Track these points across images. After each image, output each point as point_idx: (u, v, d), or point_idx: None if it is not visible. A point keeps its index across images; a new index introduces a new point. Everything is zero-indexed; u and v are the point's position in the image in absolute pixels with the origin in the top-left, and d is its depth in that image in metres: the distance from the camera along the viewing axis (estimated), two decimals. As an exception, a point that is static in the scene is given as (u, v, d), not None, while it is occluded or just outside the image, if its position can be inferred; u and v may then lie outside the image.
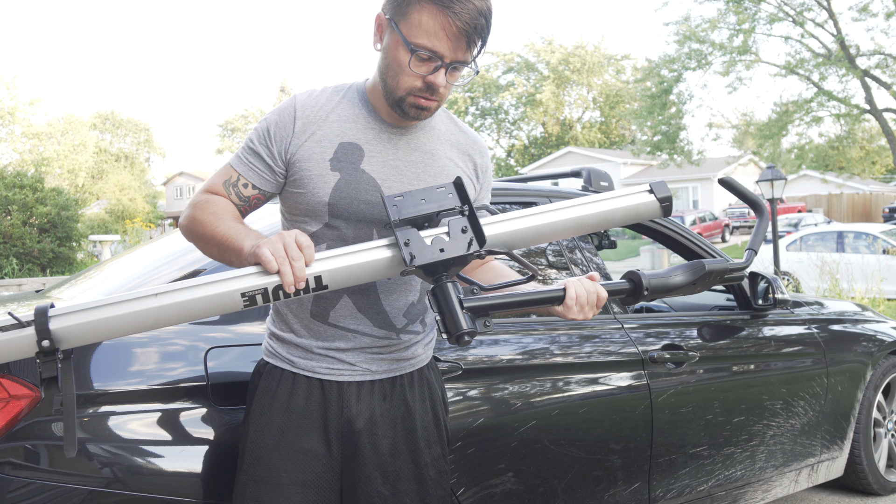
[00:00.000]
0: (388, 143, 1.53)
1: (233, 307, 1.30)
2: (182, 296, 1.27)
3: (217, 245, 1.43)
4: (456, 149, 1.62)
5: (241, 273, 1.30)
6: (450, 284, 1.34)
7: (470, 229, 1.37)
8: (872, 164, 33.16)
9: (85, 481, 1.60)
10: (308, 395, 1.53)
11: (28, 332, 1.23)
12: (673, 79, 22.29)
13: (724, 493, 2.76)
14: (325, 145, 1.50)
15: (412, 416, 1.59)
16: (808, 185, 35.63)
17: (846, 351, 3.28)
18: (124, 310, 1.26)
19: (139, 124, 54.33)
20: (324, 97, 1.55)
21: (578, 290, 1.46)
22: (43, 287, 2.99)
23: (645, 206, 1.54)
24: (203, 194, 1.52)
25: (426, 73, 1.42)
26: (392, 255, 1.36)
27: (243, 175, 1.52)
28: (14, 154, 33.87)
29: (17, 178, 14.32)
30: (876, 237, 12.10)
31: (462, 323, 1.32)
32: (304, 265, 1.28)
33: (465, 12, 1.38)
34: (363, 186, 1.50)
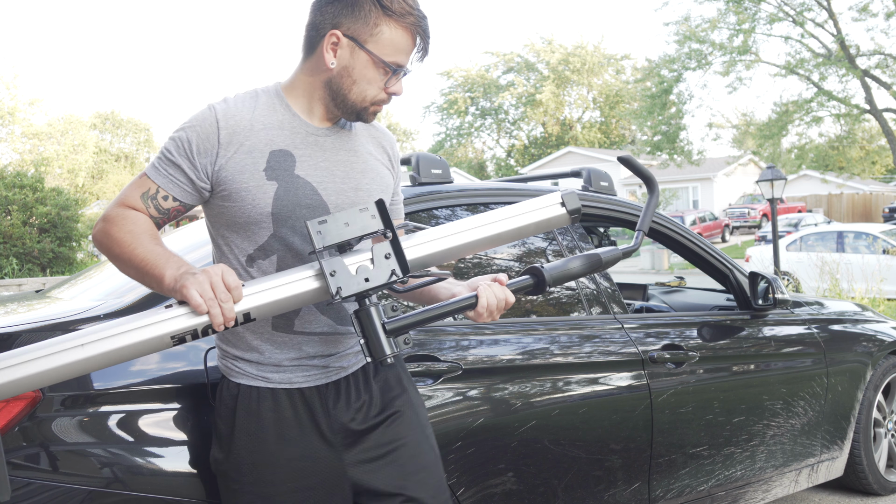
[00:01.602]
0: (316, 146, 1.56)
1: (162, 348, 1.31)
2: (109, 344, 1.27)
3: (135, 268, 1.42)
4: (371, 142, 1.67)
5: (169, 315, 1.29)
6: (372, 309, 1.39)
7: (393, 256, 1.40)
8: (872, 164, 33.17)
9: (85, 481, 1.60)
10: (292, 405, 1.55)
11: None
12: (673, 79, 22.28)
13: (724, 493, 2.76)
14: (255, 156, 1.49)
15: (398, 394, 1.64)
16: (808, 185, 35.63)
17: (846, 351, 3.28)
18: (50, 363, 1.24)
19: (139, 124, 54.31)
20: (241, 105, 1.53)
21: (490, 298, 1.52)
22: (43, 287, 2.99)
23: (556, 217, 1.61)
24: (118, 208, 1.49)
25: (391, 85, 1.54)
26: (319, 286, 1.38)
27: (163, 187, 1.49)
28: (14, 154, 33.85)
29: (17, 178, 14.32)
30: (876, 237, 12.10)
31: (385, 347, 1.38)
32: (232, 305, 1.30)
33: (425, 24, 1.53)
34: (301, 192, 1.51)
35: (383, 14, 1.47)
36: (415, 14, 1.50)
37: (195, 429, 1.73)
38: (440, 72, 49.97)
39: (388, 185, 1.66)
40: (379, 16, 1.48)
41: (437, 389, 2.06)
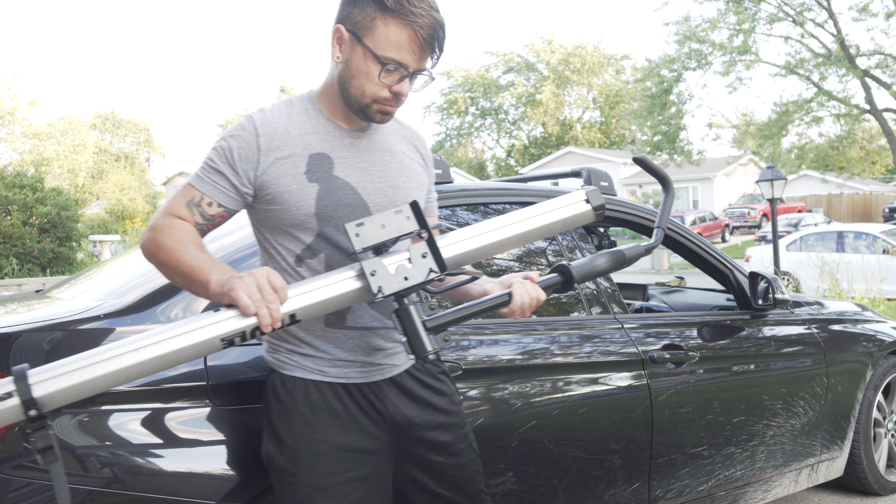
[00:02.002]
0: (351, 147, 1.61)
1: (211, 350, 1.34)
2: (162, 348, 1.30)
3: (181, 274, 1.45)
4: (404, 142, 1.73)
5: (219, 318, 1.33)
6: (412, 307, 1.43)
7: (430, 254, 1.45)
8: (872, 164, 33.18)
9: (85, 481, 1.60)
10: (350, 398, 1.60)
11: (12, 403, 1.21)
12: (673, 79, 22.28)
13: (724, 493, 2.76)
14: (295, 160, 1.55)
15: (444, 390, 1.71)
16: (808, 185, 35.62)
17: (846, 351, 3.28)
18: (108, 367, 1.28)
19: (139, 124, 54.28)
20: (277, 114, 1.59)
21: (523, 297, 1.57)
22: (43, 287, 2.99)
23: (582, 214, 1.66)
24: (164, 217, 1.53)
25: (393, 83, 1.53)
26: (361, 286, 1.42)
27: (207, 194, 1.54)
28: (14, 154, 33.85)
29: (17, 178, 14.30)
30: (876, 237, 12.10)
31: (427, 344, 1.41)
32: (279, 307, 1.34)
33: (431, 29, 1.51)
34: (342, 192, 1.57)
35: (379, 9, 1.49)
36: (414, 11, 1.49)
37: (195, 429, 1.73)
38: (440, 72, 49.96)
39: (423, 182, 1.72)
40: (375, 10, 1.50)
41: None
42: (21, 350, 1.65)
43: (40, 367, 1.26)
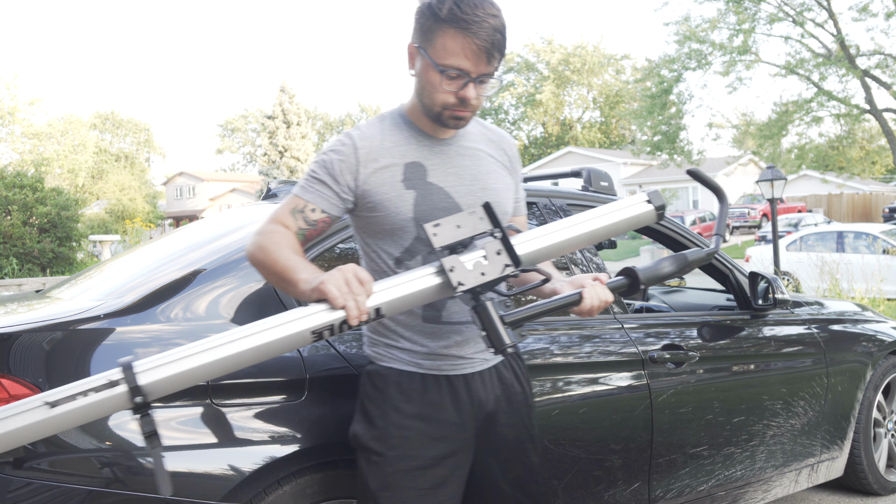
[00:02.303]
0: (442, 154, 1.72)
1: (302, 343, 1.42)
2: (256, 340, 1.38)
3: (276, 274, 1.56)
4: (491, 146, 1.81)
5: (309, 312, 1.41)
6: (489, 303, 1.49)
7: (504, 252, 1.51)
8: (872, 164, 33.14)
9: (85, 481, 1.60)
10: (439, 389, 1.71)
11: (120, 391, 1.30)
12: (673, 79, 22.28)
13: (724, 493, 2.76)
14: (392, 170, 1.67)
15: (523, 392, 1.82)
16: (808, 185, 35.61)
17: (846, 351, 3.28)
18: (206, 358, 1.36)
19: (139, 124, 54.30)
20: (373, 129, 1.72)
21: (593, 298, 1.64)
22: (43, 287, 2.99)
23: (645, 214, 1.72)
24: (269, 224, 1.65)
25: (457, 89, 1.60)
26: (441, 282, 1.49)
27: (311, 201, 1.66)
28: (14, 154, 33.83)
29: (17, 178, 14.29)
30: (876, 237, 12.10)
31: (505, 338, 1.48)
32: (365, 299, 1.42)
33: (483, 32, 1.56)
34: (436, 197, 1.69)
35: (436, 21, 1.58)
36: (466, 19, 1.55)
37: (195, 429, 1.73)
38: (440, 72, 49.79)
39: (509, 184, 1.81)
40: (433, 22, 1.58)
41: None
42: (21, 350, 1.65)
43: (145, 358, 1.34)
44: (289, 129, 35.30)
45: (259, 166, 36.69)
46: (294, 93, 36.14)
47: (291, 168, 34.38)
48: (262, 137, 36.81)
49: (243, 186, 51.85)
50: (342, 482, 1.91)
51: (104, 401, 1.29)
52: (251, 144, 60.18)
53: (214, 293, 1.92)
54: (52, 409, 1.27)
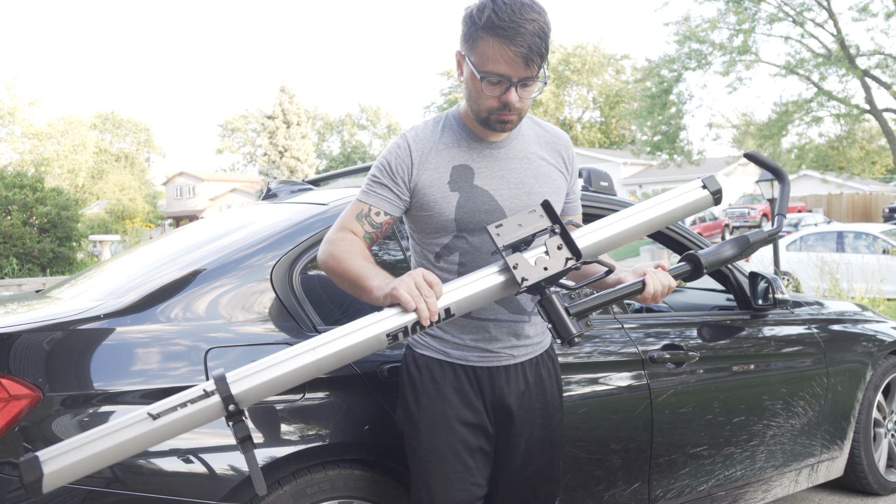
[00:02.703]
0: (491, 157, 1.78)
1: (378, 347, 1.49)
2: (337, 346, 1.46)
3: (349, 281, 1.66)
4: (545, 148, 1.86)
5: (383, 316, 1.50)
6: (554, 296, 1.55)
7: (565, 246, 1.56)
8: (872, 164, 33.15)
9: (85, 481, 1.60)
10: (466, 378, 1.80)
11: (214, 400, 1.39)
12: (673, 79, 22.26)
13: (724, 493, 2.76)
14: (440, 171, 1.75)
15: (546, 391, 1.88)
16: (808, 185, 35.61)
17: (846, 351, 3.28)
18: (291, 366, 1.44)
19: (139, 124, 54.29)
20: (428, 130, 1.80)
21: (656, 284, 1.69)
22: (43, 287, 2.99)
23: (701, 199, 1.74)
24: (338, 232, 1.74)
25: (499, 94, 1.65)
26: (505, 279, 1.55)
27: (374, 205, 1.75)
28: (14, 154, 33.83)
29: (17, 178, 14.29)
30: (876, 237, 12.08)
31: (571, 328, 1.54)
32: (435, 301, 1.50)
33: (521, 39, 1.59)
34: (480, 199, 1.75)
35: (476, 29, 1.62)
36: (502, 25, 1.58)
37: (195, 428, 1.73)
38: (440, 72, 49.98)
39: (559, 186, 1.85)
40: (474, 30, 1.63)
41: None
42: (21, 350, 1.65)
43: (236, 369, 1.44)
44: (289, 129, 35.30)
45: (259, 166, 36.69)
46: (294, 93, 36.14)
47: (291, 168, 34.38)
48: (262, 137, 36.81)
49: (243, 186, 51.86)
50: (342, 482, 1.91)
51: (201, 410, 1.38)
52: (251, 144, 60.17)
53: (214, 293, 1.92)
54: (155, 422, 1.37)
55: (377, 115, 60.06)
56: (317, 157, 42.75)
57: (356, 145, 59.01)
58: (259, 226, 2.21)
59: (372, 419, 1.96)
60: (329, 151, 59.59)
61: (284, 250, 2.06)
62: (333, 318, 2.12)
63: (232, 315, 1.91)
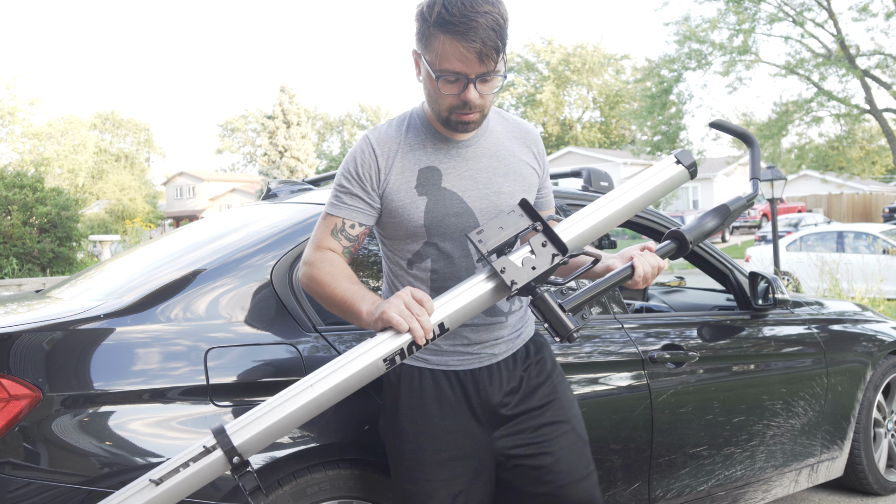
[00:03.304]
0: (458, 157, 1.71)
1: (377, 373, 1.46)
2: (334, 379, 1.43)
3: (336, 305, 1.61)
4: (516, 143, 1.80)
5: (377, 342, 1.46)
6: (546, 294, 1.52)
7: (550, 242, 1.53)
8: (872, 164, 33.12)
9: (85, 481, 1.60)
10: (449, 384, 1.74)
11: (217, 456, 1.36)
12: (673, 79, 22.27)
13: (724, 493, 2.76)
14: (407, 175, 1.68)
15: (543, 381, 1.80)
16: (808, 185, 35.60)
17: (846, 351, 3.28)
18: (291, 406, 1.41)
19: (139, 124, 54.29)
20: (392, 131, 1.72)
21: (644, 267, 1.65)
22: (43, 287, 2.99)
23: (677, 175, 1.71)
24: (315, 252, 1.68)
25: (458, 92, 1.58)
26: (495, 285, 1.52)
27: (347, 218, 1.68)
28: (14, 154, 33.83)
29: (17, 178, 14.30)
30: (876, 237, 12.09)
31: (569, 325, 1.51)
32: (428, 318, 1.46)
33: (474, 34, 1.51)
34: (448, 202, 1.69)
35: (427, 25, 1.56)
36: (453, 21, 1.51)
37: (195, 429, 1.73)
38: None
39: (531, 183, 1.79)
40: (426, 28, 1.56)
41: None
42: (21, 350, 1.65)
43: (234, 420, 1.42)
44: (289, 129, 35.30)
45: (259, 166, 36.69)
46: (294, 93, 36.13)
47: (291, 168, 34.38)
48: (262, 137, 36.81)
49: (243, 186, 51.85)
50: (342, 482, 1.91)
51: (204, 468, 1.35)
52: (251, 144, 60.18)
53: (214, 293, 1.92)
54: (158, 487, 1.34)
55: (377, 115, 60.04)
56: (317, 157, 42.76)
57: (356, 145, 58.95)
58: (259, 226, 2.21)
59: (371, 419, 1.96)
60: (329, 151, 59.60)
61: (284, 250, 2.06)
62: (333, 317, 2.12)
63: (232, 315, 1.91)
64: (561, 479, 1.73)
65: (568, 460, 1.75)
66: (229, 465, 1.36)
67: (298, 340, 1.94)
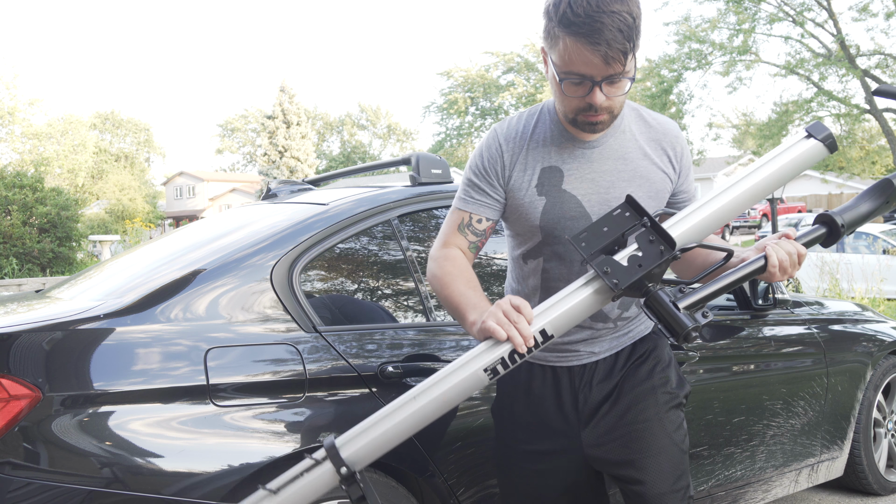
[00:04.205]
0: (583, 158, 1.65)
1: (480, 385, 1.43)
2: (436, 390, 1.42)
3: (450, 307, 1.62)
4: (650, 144, 1.71)
5: (477, 352, 1.43)
6: (659, 293, 1.42)
7: (657, 237, 1.43)
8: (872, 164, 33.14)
9: (85, 481, 1.60)
10: (543, 380, 1.75)
11: (327, 467, 1.40)
12: (673, 79, 22.28)
13: (724, 493, 2.76)
14: (529, 173, 1.66)
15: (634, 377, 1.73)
16: (808, 185, 35.62)
17: (846, 351, 3.28)
18: (395, 419, 1.42)
19: (139, 124, 54.27)
20: (521, 125, 1.69)
21: (780, 255, 1.49)
22: (43, 287, 2.99)
23: (811, 151, 1.52)
24: (441, 249, 1.69)
25: (583, 94, 1.51)
26: (598, 287, 1.45)
27: (475, 212, 1.68)
28: (14, 154, 33.81)
29: (17, 178, 14.30)
30: (876, 237, 12.09)
31: (684, 323, 1.39)
32: (526, 324, 1.41)
33: (599, 36, 1.43)
34: (567, 206, 1.65)
35: (552, 25, 1.49)
36: (577, 22, 1.43)
37: (195, 429, 1.73)
38: (440, 72, 50.00)
39: (659, 189, 1.70)
40: (552, 27, 1.50)
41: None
42: (21, 350, 1.65)
43: (343, 434, 1.43)
44: (289, 129, 35.30)
45: (259, 166, 36.68)
46: (294, 93, 36.13)
47: (291, 168, 34.38)
48: (262, 137, 36.80)
49: (243, 186, 51.86)
50: (342, 482, 1.91)
51: (316, 479, 1.39)
52: (251, 144, 60.16)
53: (214, 293, 1.92)
54: (276, 496, 1.38)
55: (377, 115, 60.04)
56: (317, 157, 42.75)
57: (356, 145, 58.99)
58: (259, 226, 2.21)
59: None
60: (329, 151, 59.59)
61: (284, 250, 2.05)
62: (333, 318, 2.12)
63: (232, 315, 1.91)
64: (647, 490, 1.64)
65: (656, 466, 1.66)
66: (338, 476, 1.40)
67: (298, 340, 1.94)
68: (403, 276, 2.30)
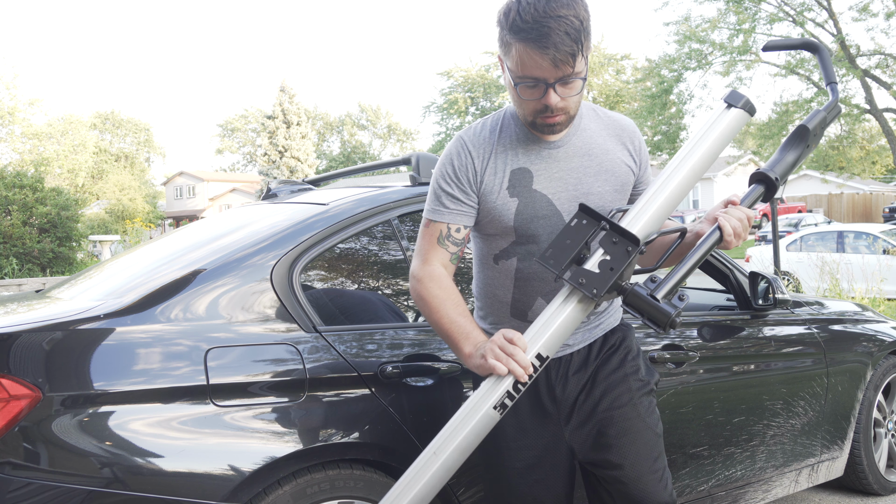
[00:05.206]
0: (550, 158, 1.70)
1: (492, 422, 1.51)
2: (454, 441, 1.47)
3: (440, 333, 1.67)
4: (611, 140, 1.77)
5: (483, 392, 1.51)
6: (636, 288, 1.48)
7: (619, 237, 1.49)
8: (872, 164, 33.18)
9: (85, 481, 1.60)
10: None
11: None
12: (673, 79, 22.27)
13: (724, 493, 2.76)
14: (500, 175, 1.69)
15: (607, 366, 1.79)
16: (808, 185, 35.62)
17: (846, 351, 3.28)
18: (421, 480, 1.47)
19: (139, 124, 54.26)
20: (486, 132, 1.73)
21: (732, 223, 1.58)
22: (43, 287, 2.99)
23: (734, 119, 1.61)
24: (423, 267, 1.71)
25: (538, 97, 1.57)
26: (579, 298, 1.51)
27: (451, 223, 1.71)
28: (14, 154, 33.80)
29: (17, 178, 14.29)
30: (876, 237, 12.09)
31: (666, 311, 1.46)
32: (523, 355, 1.49)
33: (550, 42, 1.49)
34: (538, 205, 1.69)
35: (504, 32, 1.55)
36: (525, 28, 1.49)
37: (195, 429, 1.73)
38: (440, 72, 49.98)
39: (623, 181, 1.76)
40: (504, 34, 1.56)
41: (436, 388, 2.06)
42: (21, 350, 1.65)
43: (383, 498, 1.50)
44: (289, 129, 35.30)
45: (259, 166, 36.68)
46: (294, 93, 36.13)
47: (291, 168, 34.38)
48: (262, 137, 36.80)
49: (243, 186, 51.86)
50: (342, 482, 1.91)
51: None
52: (251, 144, 60.16)
53: (214, 293, 1.92)
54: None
55: (377, 115, 60.04)
56: (317, 157, 42.76)
57: (356, 145, 58.99)
58: (259, 226, 2.21)
59: (372, 419, 1.96)
60: (329, 151, 59.58)
61: (285, 250, 2.05)
62: (333, 318, 2.12)
63: (232, 315, 1.91)
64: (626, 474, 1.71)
65: (633, 449, 1.72)
66: None
67: (298, 340, 1.94)
68: (403, 276, 2.30)
